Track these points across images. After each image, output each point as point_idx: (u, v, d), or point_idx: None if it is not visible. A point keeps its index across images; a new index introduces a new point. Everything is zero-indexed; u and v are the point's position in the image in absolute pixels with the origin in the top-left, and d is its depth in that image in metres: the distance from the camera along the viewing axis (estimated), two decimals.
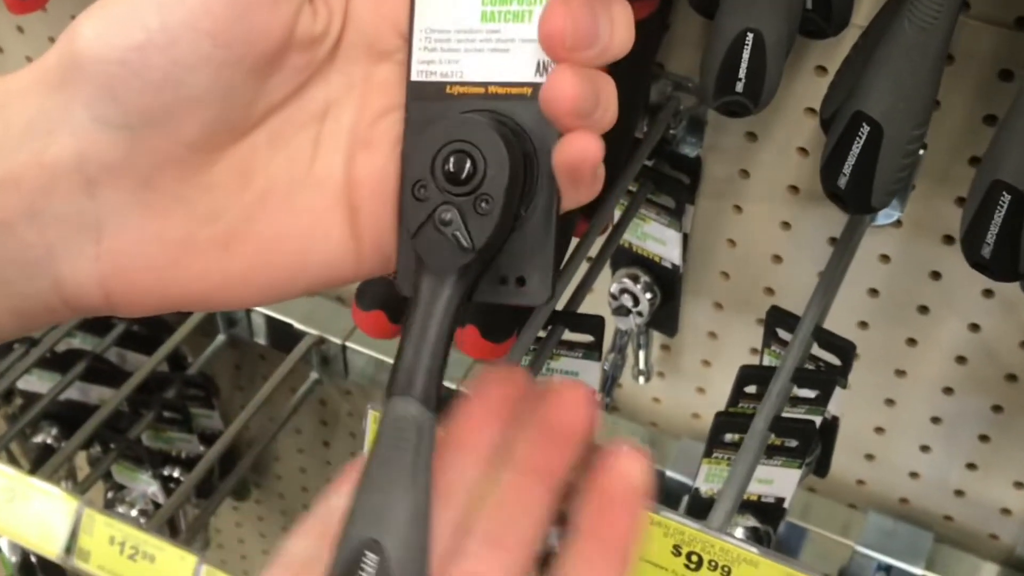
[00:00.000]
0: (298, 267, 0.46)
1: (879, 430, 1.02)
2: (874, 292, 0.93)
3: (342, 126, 0.46)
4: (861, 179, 0.65)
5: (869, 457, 1.05)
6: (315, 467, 1.49)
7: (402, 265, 0.46)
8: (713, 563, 0.63)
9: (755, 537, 0.80)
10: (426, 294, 0.43)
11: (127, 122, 0.42)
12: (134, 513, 1.21)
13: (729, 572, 0.63)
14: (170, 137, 0.42)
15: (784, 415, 0.73)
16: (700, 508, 0.81)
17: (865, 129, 0.64)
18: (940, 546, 1.03)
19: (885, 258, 0.90)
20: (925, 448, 1.01)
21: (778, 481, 0.78)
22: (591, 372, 0.81)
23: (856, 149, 0.64)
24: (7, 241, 0.43)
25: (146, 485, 1.21)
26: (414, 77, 0.46)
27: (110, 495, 1.25)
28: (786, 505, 0.80)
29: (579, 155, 0.42)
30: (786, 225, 0.93)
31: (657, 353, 1.08)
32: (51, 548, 1.00)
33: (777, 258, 0.95)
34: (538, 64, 0.44)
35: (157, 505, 1.22)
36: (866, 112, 0.63)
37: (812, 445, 0.76)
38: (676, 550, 0.64)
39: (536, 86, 0.44)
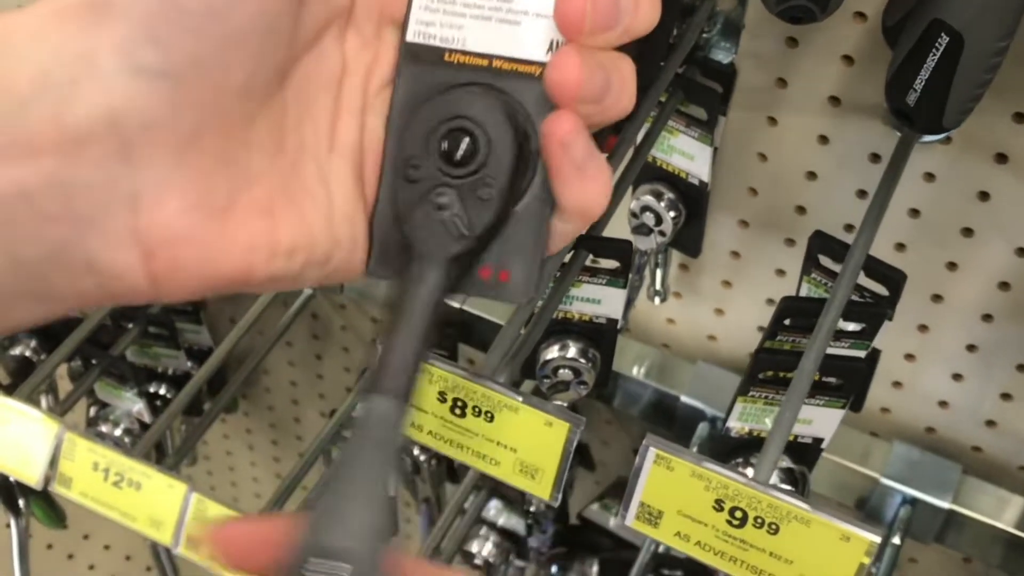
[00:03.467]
0: (331, 242, 0.42)
1: (909, 357, 0.97)
2: (915, 212, 0.87)
3: (356, 92, 0.42)
4: (934, 96, 0.59)
5: (896, 384, 0.99)
6: (306, 381, 1.44)
7: (379, 246, 0.42)
8: (759, 520, 0.58)
9: (790, 479, 0.75)
10: (415, 282, 0.40)
11: (170, 69, 0.36)
12: (118, 432, 1.15)
13: (777, 530, 0.57)
14: (217, 84, 0.37)
15: (827, 351, 0.67)
16: (729, 448, 0.75)
17: (943, 40, 0.56)
18: (967, 478, 0.98)
19: (930, 176, 0.84)
20: (957, 376, 0.96)
21: (818, 421, 0.72)
22: (615, 299, 0.75)
23: (931, 63, 0.57)
24: (22, 216, 0.35)
25: (131, 403, 1.15)
26: (410, 38, 0.42)
27: (92, 412, 1.19)
28: (824, 445, 0.74)
29: (549, 129, 0.39)
30: (824, 139, 0.86)
31: (674, 272, 1.02)
32: (30, 474, 0.94)
33: (812, 175, 0.89)
34: (551, 43, 0.40)
35: (143, 424, 1.16)
36: (946, 21, 0.56)
37: (857, 383, 0.70)
38: (718, 505, 0.58)
39: (546, 66, 0.40)
